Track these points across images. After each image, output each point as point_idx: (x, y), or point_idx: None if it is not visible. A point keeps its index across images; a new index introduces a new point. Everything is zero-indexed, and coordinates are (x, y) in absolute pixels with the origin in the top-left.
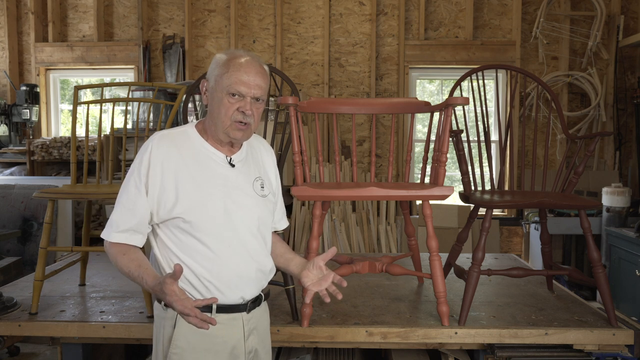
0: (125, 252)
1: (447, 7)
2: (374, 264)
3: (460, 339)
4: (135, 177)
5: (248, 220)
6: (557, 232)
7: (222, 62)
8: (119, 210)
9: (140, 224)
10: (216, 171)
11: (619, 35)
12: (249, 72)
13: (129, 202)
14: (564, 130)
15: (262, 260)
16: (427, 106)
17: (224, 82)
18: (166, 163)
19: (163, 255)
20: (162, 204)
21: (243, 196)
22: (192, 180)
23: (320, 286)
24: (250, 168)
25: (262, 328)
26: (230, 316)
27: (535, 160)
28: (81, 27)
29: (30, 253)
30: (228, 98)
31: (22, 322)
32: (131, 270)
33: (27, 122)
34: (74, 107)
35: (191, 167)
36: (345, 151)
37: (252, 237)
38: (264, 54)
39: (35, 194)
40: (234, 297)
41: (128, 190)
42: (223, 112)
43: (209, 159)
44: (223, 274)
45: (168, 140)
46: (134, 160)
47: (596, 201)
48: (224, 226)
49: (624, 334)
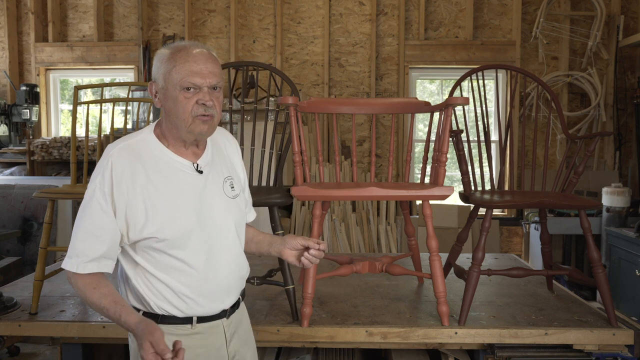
0: (95, 286)
1: (447, 7)
2: (374, 264)
3: (460, 339)
4: (99, 197)
5: (223, 227)
6: (557, 232)
7: (166, 57)
8: (83, 238)
9: (110, 250)
10: (184, 181)
11: (619, 35)
12: (198, 60)
13: (95, 227)
14: (564, 130)
15: (240, 265)
16: (427, 106)
17: (174, 78)
18: (130, 179)
19: (138, 275)
20: (132, 224)
21: (215, 203)
22: (160, 195)
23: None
24: (218, 169)
25: (242, 330)
26: (211, 324)
27: (535, 160)
28: (81, 27)
29: (30, 253)
30: (183, 94)
31: (22, 322)
32: (105, 307)
33: (27, 122)
34: (74, 107)
35: (157, 181)
36: (345, 151)
37: (230, 244)
38: (264, 54)
39: (35, 194)
40: (215, 307)
41: (91, 214)
42: (181, 110)
43: (174, 168)
44: (202, 288)
45: (129, 153)
46: (92, 178)
47: (596, 201)
48: (199, 238)
49: (624, 334)
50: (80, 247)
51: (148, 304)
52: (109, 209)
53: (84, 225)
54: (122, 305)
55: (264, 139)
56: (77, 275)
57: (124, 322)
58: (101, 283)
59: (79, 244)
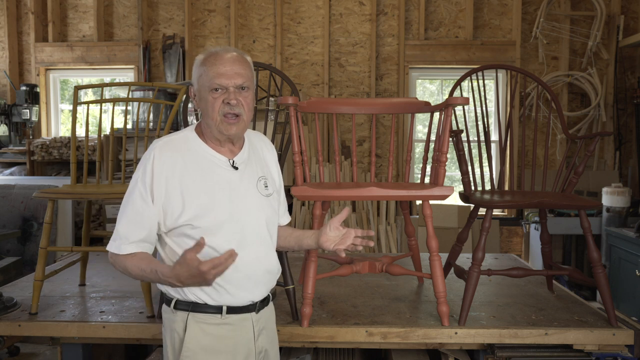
0: (134, 256)
1: (447, 7)
2: (374, 264)
3: (460, 339)
4: (140, 187)
5: (255, 222)
6: (557, 232)
7: (199, 62)
8: (125, 223)
9: (149, 235)
10: (220, 175)
11: (619, 35)
12: (225, 62)
13: (135, 214)
14: (564, 130)
15: (270, 262)
16: (427, 106)
17: (204, 80)
18: (170, 171)
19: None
20: (169, 212)
21: (248, 198)
22: (197, 187)
23: (345, 243)
24: (253, 168)
25: (270, 328)
26: (240, 317)
27: (535, 160)
28: (81, 27)
29: (30, 253)
30: (212, 94)
31: (22, 322)
32: (142, 268)
33: (27, 122)
34: (74, 107)
35: (195, 174)
36: (345, 151)
37: (260, 239)
38: (264, 54)
39: (35, 194)
40: (244, 298)
41: (134, 202)
42: (210, 109)
43: (212, 163)
44: (233, 277)
45: (170, 148)
46: (136, 170)
47: (596, 201)
48: (232, 230)
49: (624, 334)
50: (122, 231)
51: (182, 290)
52: (148, 199)
53: (127, 212)
54: (156, 262)
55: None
56: (119, 256)
57: (160, 273)
58: (139, 254)
59: (121, 229)
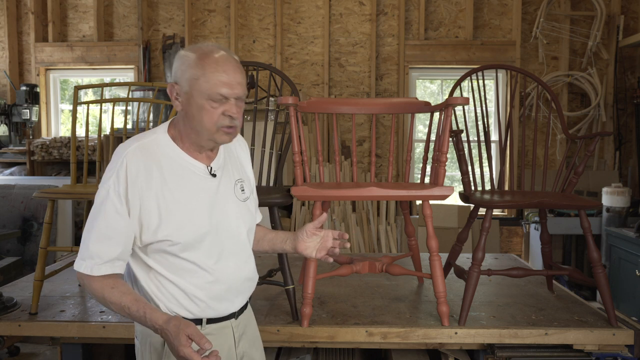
0: (113, 285)
1: (447, 7)
2: (374, 264)
3: (460, 339)
4: (113, 198)
5: (235, 231)
6: (557, 232)
7: (192, 62)
8: (96, 239)
9: (124, 252)
10: (198, 184)
11: (619, 35)
12: (228, 70)
13: (108, 228)
14: (564, 130)
15: (250, 269)
16: (427, 106)
17: (202, 86)
18: (145, 180)
19: (148, 276)
20: (145, 226)
21: (227, 206)
22: (174, 198)
23: (326, 250)
24: (229, 172)
25: (250, 330)
26: (220, 325)
27: (535, 160)
28: (81, 27)
29: (30, 253)
30: (210, 103)
31: (22, 322)
32: (127, 305)
33: (27, 122)
34: (74, 107)
35: (172, 183)
36: (345, 151)
37: (240, 247)
38: (264, 54)
39: (35, 194)
40: (224, 309)
41: (105, 215)
42: (206, 119)
43: (188, 171)
44: (213, 290)
45: (144, 154)
46: (104, 178)
47: (596, 201)
48: (212, 242)
49: (624, 334)
50: (94, 249)
51: (157, 306)
52: (123, 211)
53: (98, 227)
54: (144, 303)
55: (264, 139)
56: (91, 278)
57: (149, 319)
58: (118, 282)
59: (92, 246)
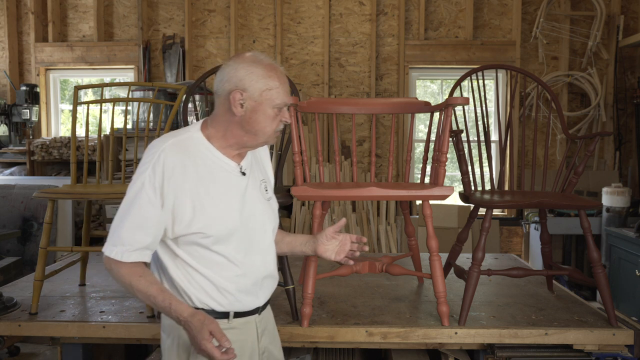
0: (141, 274)
1: (447, 7)
2: (374, 264)
3: (460, 339)
4: (148, 190)
5: (261, 229)
6: (557, 232)
7: (262, 73)
8: (129, 228)
9: (153, 242)
10: (230, 182)
11: (619, 35)
12: (285, 82)
13: (141, 218)
14: (564, 130)
15: (274, 266)
16: (427, 106)
17: (274, 97)
18: (180, 175)
19: (178, 267)
20: (178, 219)
21: (255, 204)
22: (207, 193)
23: (345, 253)
24: (255, 172)
25: (270, 327)
26: (245, 320)
27: (535, 160)
28: (81, 27)
29: (30, 253)
30: (275, 111)
31: (22, 322)
32: (153, 295)
33: (27, 122)
34: (74, 107)
35: (205, 179)
36: (345, 151)
37: (266, 243)
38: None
39: (35, 194)
40: (250, 304)
41: (140, 205)
42: (269, 125)
43: (221, 168)
44: (241, 283)
45: (179, 149)
46: (139, 171)
47: (596, 201)
48: (241, 237)
49: (624, 334)
50: (126, 237)
51: (189, 297)
52: (157, 203)
53: (131, 216)
54: (169, 294)
55: None
56: (120, 264)
57: (174, 310)
58: (146, 271)
59: (124, 234)
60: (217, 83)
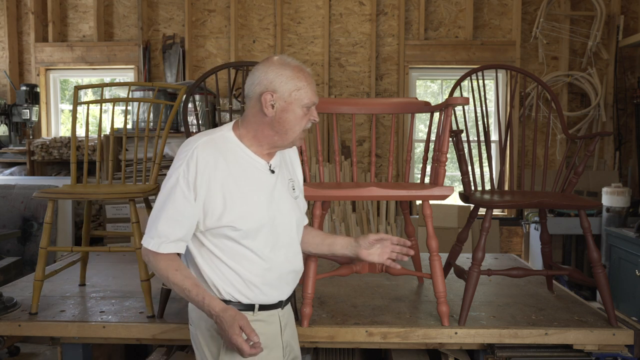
0: (177, 268)
1: (447, 7)
2: (374, 264)
3: (460, 339)
4: (182, 185)
5: (287, 225)
6: (557, 232)
7: (290, 75)
8: (165, 221)
9: (187, 234)
10: (260, 179)
11: (619, 35)
12: (312, 82)
13: (176, 212)
14: (564, 130)
15: (297, 262)
16: (427, 106)
17: (302, 96)
18: (212, 171)
19: (205, 261)
20: (209, 212)
21: (283, 202)
22: (238, 189)
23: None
24: (283, 171)
25: (291, 322)
26: (269, 313)
27: (535, 160)
28: (81, 27)
29: (30, 253)
30: (304, 111)
31: (22, 322)
32: (187, 288)
33: (27, 122)
34: (74, 107)
35: (237, 176)
36: (345, 151)
37: (291, 239)
38: (264, 54)
39: (35, 194)
40: (275, 297)
41: (174, 200)
42: (298, 125)
43: (251, 166)
44: (267, 277)
45: (212, 147)
46: (174, 167)
47: (596, 201)
48: (268, 232)
49: (624, 334)
50: (162, 230)
51: (217, 289)
52: (191, 197)
53: (167, 211)
54: (203, 288)
55: None
56: (158, 255)
57: (207, 304)
58: (181, 266)
59: (161, 227)
60: (247, 86)
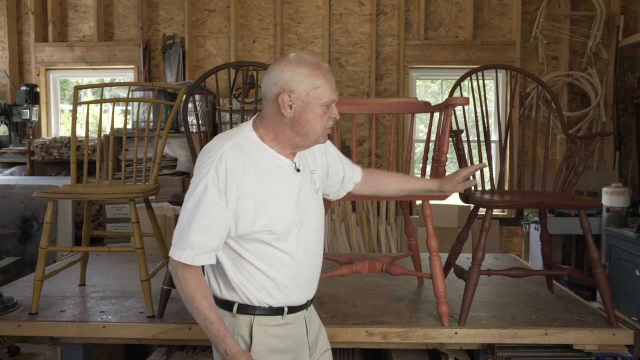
0: (204, 294)
1: (447, 7)
2: (374, 264)
3: (460, 339)
4: (212, 191)
5: (314, 222)
6: (557, 232)
7: (308, 73)
8: (197, 231)
9: (220, 243)
10: (287, 179)
11: (619, 35)
12: (331, 79)
13: (208, 220)
14: (564, 130)
15: (321, 258)
16: (427, 106)
17: (321, 95)
18: (242, 175)
19: (236, 267)
20: (241, 218)
21: (308, 199)
22: (267, 190)
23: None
24: (305, 165)
25: (315, 319)
26: (296, 315)
27: (535, 160)
28: (81, 27)
29: (30, 253)
30: (324, 109)
31: (22, 322)
32: (210, 320)
33: (27, 122)
34: (74, 107)
35: (265, 178)
36: (345, 151)
37: (318, 237)
38: (264, 54)
39: (35, 194)
40: (304, 297)
41: (205, 208)
42: (319, 124)
43: (278, 167)
44: (298, 278)
45: (239, 150)
46: (201, 173)
47: (596, 201)
48: (299, 232)
49: (624, 334)
50: (195, 241)
51: (245, 296)
52: (222, 204)
53: (198, 220)
54: (225, 326)
55: None
56: (189, 271)
57: (226, 342)
58: (209, 292)
59: (193, 237)
60: (264, 87)
